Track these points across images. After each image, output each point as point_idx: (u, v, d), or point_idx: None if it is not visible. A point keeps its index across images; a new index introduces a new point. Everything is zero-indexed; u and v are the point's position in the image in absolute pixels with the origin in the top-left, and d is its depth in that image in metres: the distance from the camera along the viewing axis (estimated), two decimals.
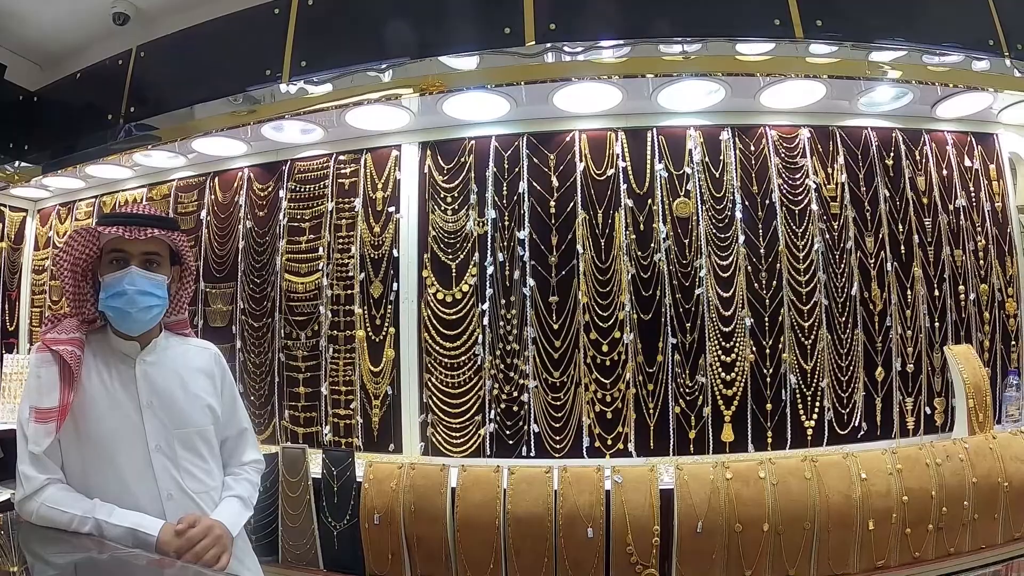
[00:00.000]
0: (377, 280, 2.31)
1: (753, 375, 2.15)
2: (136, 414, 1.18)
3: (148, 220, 1.21)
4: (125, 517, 1.11)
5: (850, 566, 1.83)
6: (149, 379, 1.22)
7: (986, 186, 2.43)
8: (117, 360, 1.22)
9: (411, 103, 2.11)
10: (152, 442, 1.18)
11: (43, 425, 1.10)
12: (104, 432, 1.15)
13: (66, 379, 1.13)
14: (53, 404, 1.11)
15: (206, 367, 1.32)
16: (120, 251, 1.19)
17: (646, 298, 2.17)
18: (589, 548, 1.81)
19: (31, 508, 1.11)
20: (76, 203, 3.13)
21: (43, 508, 1.10)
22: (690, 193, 2.21)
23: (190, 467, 1.22)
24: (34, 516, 1.10)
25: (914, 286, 2.28)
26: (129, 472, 1.15)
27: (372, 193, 2.36)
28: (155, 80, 2.46)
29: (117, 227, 1.18)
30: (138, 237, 1.19)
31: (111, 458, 1.15)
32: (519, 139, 2.25)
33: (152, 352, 1.25)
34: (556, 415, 2.16)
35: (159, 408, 1.20)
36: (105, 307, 1.19)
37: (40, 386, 1.13)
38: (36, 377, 1.14)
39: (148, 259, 1.21)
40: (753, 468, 1.87)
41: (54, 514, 1.10)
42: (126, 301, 1.17)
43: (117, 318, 1.19)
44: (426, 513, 1.88)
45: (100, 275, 1.20)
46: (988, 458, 1.98)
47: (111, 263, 1.19)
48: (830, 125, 2.31)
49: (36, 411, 1.11)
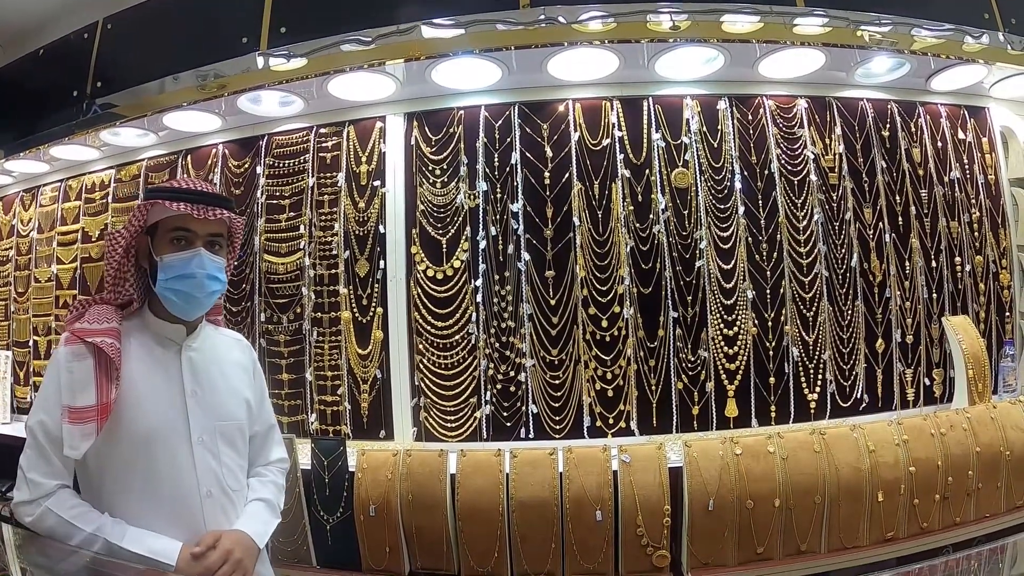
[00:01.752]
0: (363, 258, 2.20)
1: (756, 348, 2.11)
2: (179, 404, 1.08)
3: (217, 200, 1.11)
4: (138, 541, 1.00)
5: (860, 539, 1.81)
6: (194, 366, 1.12)
7: (979, 159, 2.43)
8: (159, 345, 1.11)
9: (396, 71, 2.01)
10: (195, 434, 1.08)
11: (79, 426, 0.99)
12: (144, 424, 1.04)
13: (105, 374, 1.02)
14: (90, 402, 1.00)
15: (242, 359, 1.23)
16: (186, 230, 1.09)
17: (646, 271, 2.10)
18: (598, 531, 1.75)
19: (31, 513, 1.00)
20: (40, 188, 2.97)
21: (47, 516, 0.99)
22: (688, 163, 2.15)
23: (230, 463, 1.13)
24: (34, 522, 1.00)
25: (912, 257, 2.27)
26: (168, 467, 1.05)
27: (356, 167, 2.25)
28: (123, 53, 2.33)
29: (185, 204, 1.07)
30: (207, 217, 1.09)
31: (149, 451, 1.04)
32: (510, 108, 2.16)
33: (196, 338, 1.15)
34: (555, 394, 2.08)
35: (202, 399, 1.11)
36: (166, 290, 1.08)
37: (73, 382, 1.01)
38: (68, 372, 1.01)
39: (212, 240, 1.11)
40: (762, 443, 1.83)
41: (58, 525, 0.99)
42: (194, 285, 1.08)
43: (179, 302, 1.09)
44: (425, 502, 1.79)
45: (157, 254, 1.08)
46: (990, 427, 1.98)
47: (172, 242, 1.08)
48: (827, 96, 2.29)
49: (70, 410, 0.99)
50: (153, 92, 2.19)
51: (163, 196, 1.08)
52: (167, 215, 1.08)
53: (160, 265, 1.08)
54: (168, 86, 2.16)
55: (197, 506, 1.06)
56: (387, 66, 1.96)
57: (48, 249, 2.88)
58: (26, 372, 2.92)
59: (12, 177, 3.01)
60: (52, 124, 2.47)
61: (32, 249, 2.95)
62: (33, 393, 2.89)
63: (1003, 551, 1.20)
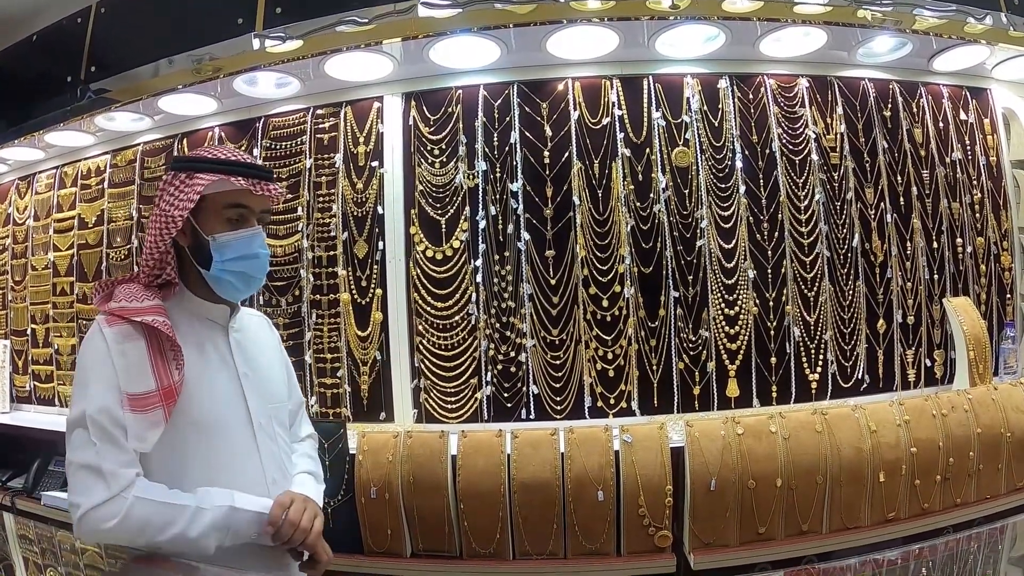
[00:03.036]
0: (361, 239, 2.19)
1: (757, 328, 2.10)
2: (236, 389, 1.02)
3: (269, 174, 1.04)
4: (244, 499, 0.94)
5: (861, 519, 1.81)
6: (241, 348, 1.06)
7: (981, 140, 2.42)
8: (205, 328, 1.04)
9: (393, 50, 1.99)
10: (256, 420, 1.02)
11: (144, 414, 0.89)
12: (205, 412, 0.97)
13: (160, 355, 0.93)
14: (150, 387, 0.91)
15: (270, 337, 1.18)
16: (244, 207, 1.01)
17: (646, 251, 2.09)
18: (599, 512, 1.74)
19: (115, 511, 0.86)
20: (36, 175, 2.95)
21: (138, 507, 0.86)
22: (689, 142, 2.13)
23: (286, 447, 1.09)
24: (120, 523, 0.86)
25: (913, 238, 2.26)
26: (235, 457, 0.99)
27: (353, 148, 2.23)
28: (117, 37, 2.30)
29: (246, 179, 0.99)
30: (265, 193, 1.01)
31: (211, 441, 0.97)
32: (509, 88, 2.14)
33: (238, 319, 1.09)
34: (556, 375, 2.07)
35: (254, 382, 1.05)
36: (224, 272, 0.99)
37: (128, 366, 0.91)
38: (120, 355, 0.91)
39: (262, 217, 1.04)
40: (764, 423, 1.82)
41: (156, 513, 0.87)
42: (257, 266, 1.02)
43: (239, 284, 1.01)
44: (426, 484, 1.78)
45: (207, 232, 0.99)
46: (991, 409, 1.97)
47: (228, 220, 1.00)
48: (828, 75, 2.26)
49: (131, 398, 0.89)
50: (148, 76, 2.17)
51: (220, 169, 0.99)
52: (220, 189, 0.99)
53: (214, 245, 0.99)
54: (163, 69, 2.13)
55: (265, 496, 0.98)
56: (384, 45, 1.94)
57: (44, 236, 2.87)
58: (24, 361, 2.91)
59: (7, 165, 2.99)
60: (47, 110, 2.45)
61: (28, 237, 2.93)
62: (33, 382, 2.87)
63: (1003, 531, 1.19)
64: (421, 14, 1.82)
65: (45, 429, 2.56)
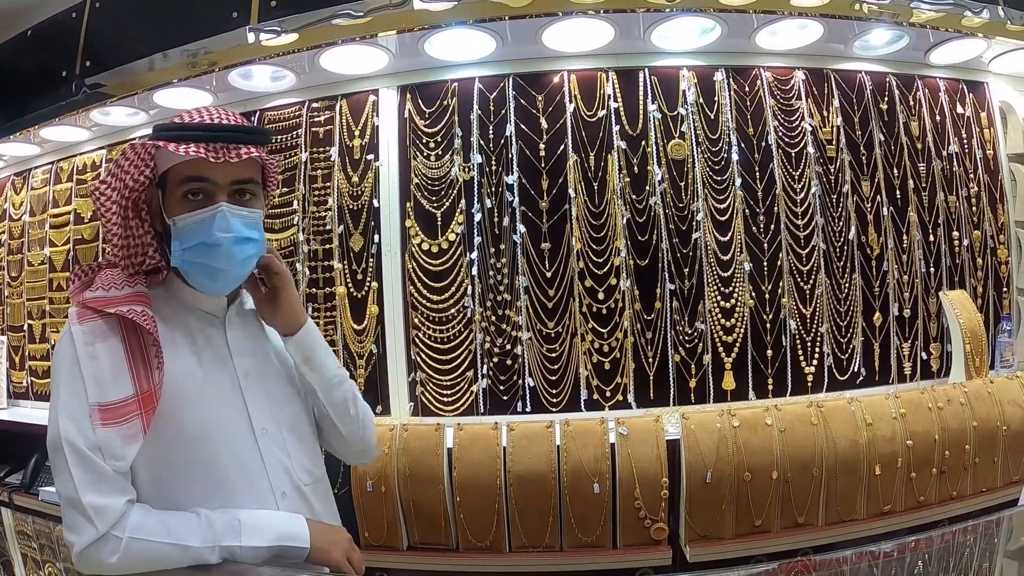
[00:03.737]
0: (357, 232, 2.18)
1: (753, 321, 2.10)
2: (234, 391, 0.87)
3: (240, 133, 0.83)
4: (259, 531, 0.80)
5: (857, 512, 1.82)
6: (242, 343, 0.90)
7: (978, 134, 2.42)
8: (197, 320, 0.88)
9: (389, 43, 1.98)
10: (258, 425, 0.87)
11: (118, 427, 0.75)
12: (199, 418, 0.83)
13: (140, 353, 0.79)
14: (126, 393, 0.76)
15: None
16: (201, 179, 0.81)
17: (642, 243, 2.09)
18: (595, 504, 1.75)
19: (113, 551, 0.73)
20: (32, 171, 2.95)
21: (136, 549, 0.74)
22: (685, 135, 2.13)
23: (299, 455, 0.92)
24: (119, 564, 0.74)
25: (910, 231, 2.26)
26: (233, 469, 0.84)
27: (349, 141, 2.22)
28: (111, 32, 2.30)
29: (196, 144, 0.79)
30: (229, 159, 0.80)
31: (207, 452, 0.82)
32: (504, 80, 2.14)
33: (238, 308, 0.93)
34: (552, 367, 2.07)
35: (256, 381, 0.90)
36: (183, 263, 0.83)
37: (98, 371, 0.77)
38: (89, 358, 0.77)
39: (240, 189, 0.84)
40: (760, 415, 1.82)
41: (158, 554, 0.75)
42: (220, 255, 0.82)
43: (202, 277, 0.85)
44: (422, 477, 1.78)
45: (169, 215, 0.83)
46: (987, 402, 1.98)
47: (186, 197, 0.82)
48: (824, 68, 2.26)
49: (102, 409, 0.75)
50: (143, 70, 2.17)
51: (167, 136, 0.80)
52: (175, 161, 0.81)
53: (174, 230, 0.82)
54: (158, 64, 2.14)
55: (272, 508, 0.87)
56: (379, 38, 1.94)
57: (41, 232, 2.86)
58: (21, 357, 2.91)
59: (3, 160, 2.98)
60: (42, 105, 2.45)
61: (24, 233, 2.93)
62: (30, 378, 2.87)
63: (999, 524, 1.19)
64: (416, 7, 1.82)
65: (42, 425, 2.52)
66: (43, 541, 1.08)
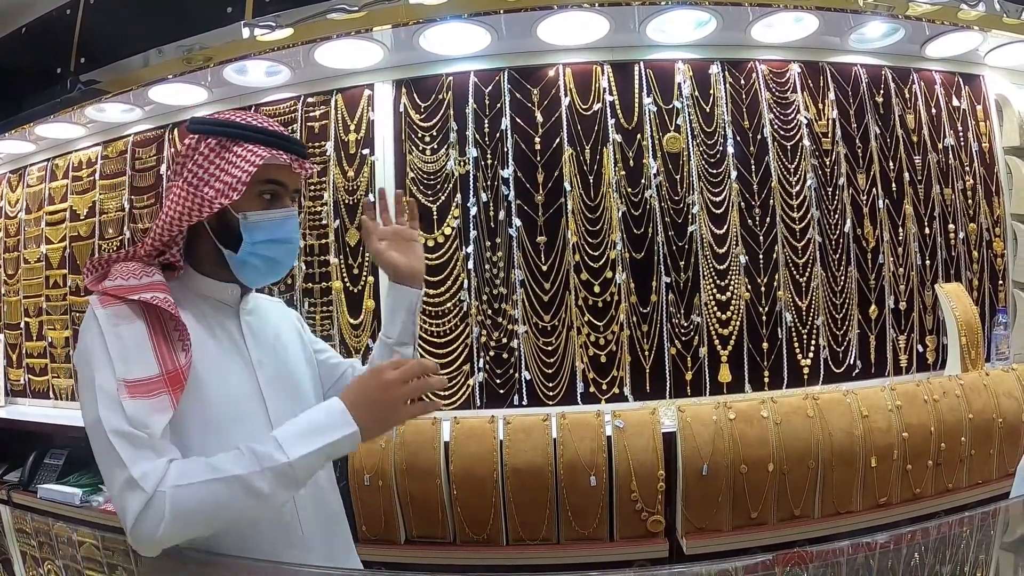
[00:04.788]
0: (353, 227, 2.18)
1: (749, 314, 2.10)
2: (250, 380, 0.89)
3: (305, 150, 0.93)
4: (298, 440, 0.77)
5: (853, 504, 1.81)
6: (255, 333, 0.94)
7: (973, 126, 2.42)
8: (213, 310, 0.91)
9: (384, 37, 1.98)
10: (273, 414, 0.89)
11: (146, 400, 0.76)
12: (216, 406, 0.84)
13: (163, 336, 0.81)
14: (151, 372, 0.78)
15: (288, 317, 1.05)
16: (280, 184, 0.89)
17: (638, 236, 2.09)
18: (592, 497, 1.74)
19: (160, 510, 0.72)
20: (27, 168, 2.94)
21: (180, 494, 0.73)
22: (680, 128, 2.13)
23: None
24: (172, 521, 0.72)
25: (905, 224, 2.26)
26: None
27: (344, 136, 2.22)
28: (106, 28, 2.29)
29: (286, 154, 0.87)
30: (303, 172, 0.90)
31: (223, 440, 0.81)
32: (500, 74, 2.14)
33: (249, 300, 0.96)
34: (548, 361, 2.07)
35: (270, 371, 0.92)
36: (252, 255, 0.87)
37: (124, 350, 0.78)
38: (115, 338, 0.78)
39: (294, 196, 0.93)
40: (755, 407, 1.82)
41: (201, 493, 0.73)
42: (288, 251, 0.91)
43: (265, 269, 0.90)
44: (419, 470, 1.78)
45: (239, 210, 0.86)
46: (983, 394, 1.97)
47: (262, 196, 0.88)
48: (820, 61, 2.26)
49: (128, 384, 0.76)
50: (138, 66, 2.16)
51: (271, 142, 0.86)
52: (259, 163, 0.86)
53: (244, 224, 0.86)
54: (153, 59, 2.12)
55: (288, 502, 0.87)
56: (374, 33, 1.93)
57: (37, 230, 2.86)
58: (19, 354, 2.90)
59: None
60: (37, 103, 2.44)
61: (21, 230, 2.92)
62: (27, 376, 2.87)
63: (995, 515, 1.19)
64: (411, 1, 1.82)
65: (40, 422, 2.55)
66: (42, 539, 1.07)
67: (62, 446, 2.52)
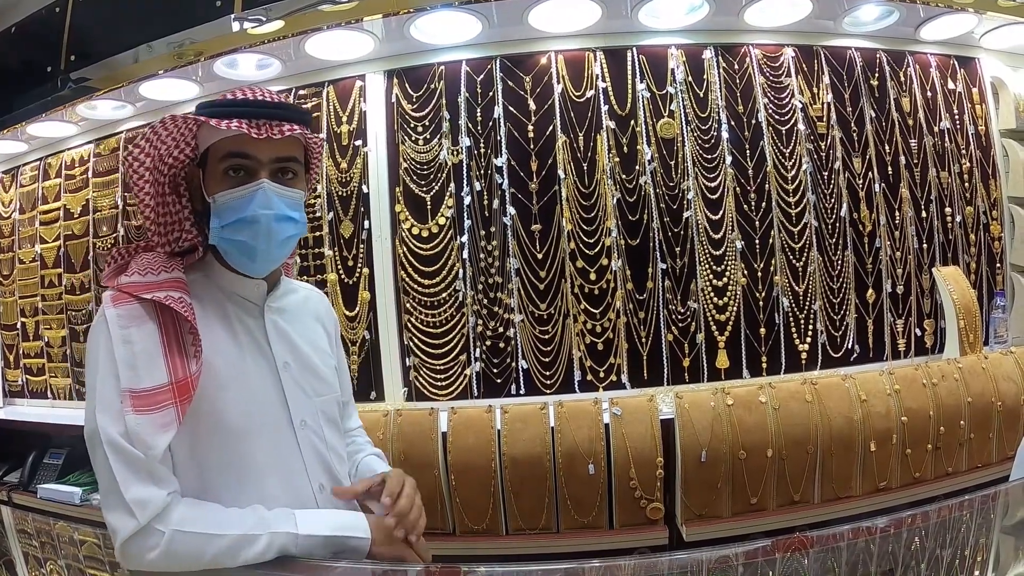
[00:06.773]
0: (347, 219, 2.17)
1: (745, 299, 2.09)
2: (273, 382, 0.85)
3: (283, 110, 0.81)
4: (314, 522, 0.78)
5: (853, 489, 1.81)
6: (281, 332, 0.88)
7: (969, 109, 2.40)
8: (236, 307, 0.86)
9: (375, 27, 1.97)
10: (297, 417, 0.85)
11: (151, 415, 0.72)
12: (236, 411, 0.80)
13: (176, 340, 0.76)
14: (160, 381, 0.73)
15: (321, 316, 0.99)
16: (243, 155, 0.80)
17: (633, 223, 2.08)
18: (591, 485, 1.74)
19: (154, 545, 0.71)
20: (20, 168, 2.92)
21: (178, 541, 0.71)
22: (674, 113, 2.12)
23: (336, 446, 0.91)
24: (161, 555, 0.71)
25: (902, 207, 2.25)
26: (270, 463, 0.81)
27: (336, 127, 2.20)
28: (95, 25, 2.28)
29: (238, 120, 0.78)
30: (271, 136, 0.79)
31: (244, 446, 0.80)
32: (492, 62, 2.12)
33: (277, 296, 0.90)
34: (545, 349, 2.06)
35: (296, 371, 0.87)
36: (221, 241, 0.81)
37: (133, 356, 0.74)
38: (124, 343, 0.74)
39: (282, 168, 0.82)
40: (753, 393, 1.82)
41: (200, 545, 0.72)
42: (258, 233, 0.80)
43: (241, 256, 0.82)
44: (417, 461, 1.77)
45: (209, 193, 0.81)
46: (981, 378, 1.97)
47: (227, 174, 0.80)
48: (814, 45, 2.24)
49: (133, 395, 0.72)
50: (128, 62, 2.16)
51: (209, 112, 0.79)
52: (216, 138, 0.80)
53: (213, 207, 0.80)
54: (143, 55, 2.12)
55: (311, 507, 0.84)
56: (365, 23, 1.92)
57: (31, 229, 2.85)
58: (16, 355, 2.90)
59: None
60: (28, 102, 2.44)
61: (15, 231, 2.91)
62: (25, 376, 2.86)
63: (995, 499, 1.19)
64: None
65: (39, 422, 2.55)
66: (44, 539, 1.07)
67: (61, 445, 2.52)
